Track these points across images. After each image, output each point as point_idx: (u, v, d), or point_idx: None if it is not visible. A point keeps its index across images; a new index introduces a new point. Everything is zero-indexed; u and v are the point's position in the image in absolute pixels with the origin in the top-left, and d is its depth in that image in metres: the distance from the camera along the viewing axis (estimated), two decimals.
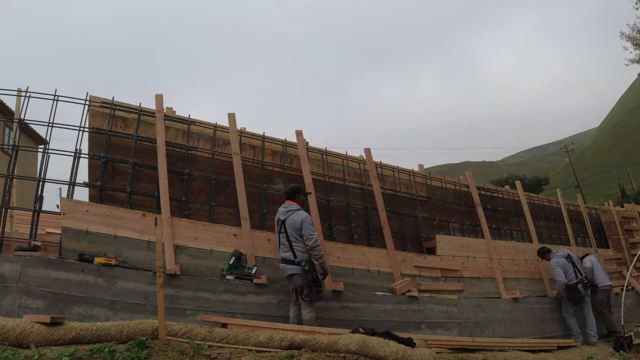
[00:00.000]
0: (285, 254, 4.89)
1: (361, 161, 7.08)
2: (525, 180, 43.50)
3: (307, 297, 4.68)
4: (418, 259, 6.71)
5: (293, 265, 4.80)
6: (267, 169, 6.13)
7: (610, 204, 11.72)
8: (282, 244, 4.95)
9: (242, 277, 4.99)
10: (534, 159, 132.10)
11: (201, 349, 3.47)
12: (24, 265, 4.03)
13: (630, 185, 43.36)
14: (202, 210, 5.49)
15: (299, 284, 4.72)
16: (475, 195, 8.21)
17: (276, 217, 5.12)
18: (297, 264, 4.76)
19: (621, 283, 9.37)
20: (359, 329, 4.43)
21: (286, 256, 4.88)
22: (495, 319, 6.88)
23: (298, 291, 4.75)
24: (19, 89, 5.52)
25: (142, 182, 5.20)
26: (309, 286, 4.68)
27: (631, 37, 26.21)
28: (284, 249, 4.91)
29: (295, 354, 3.66)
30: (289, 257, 4.85)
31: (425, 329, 5.97)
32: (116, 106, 5.25)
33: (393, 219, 6.93)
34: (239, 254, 5.08)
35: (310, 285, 4.68)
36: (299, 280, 4.72)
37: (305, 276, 4.71)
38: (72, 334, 3.27)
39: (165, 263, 4.63)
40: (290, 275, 4.82)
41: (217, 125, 5.85)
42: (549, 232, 9.52)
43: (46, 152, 4.84)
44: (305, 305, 4.74)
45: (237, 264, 5.04)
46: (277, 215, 5.11)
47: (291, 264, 4.81)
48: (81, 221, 4.57)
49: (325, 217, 6.25)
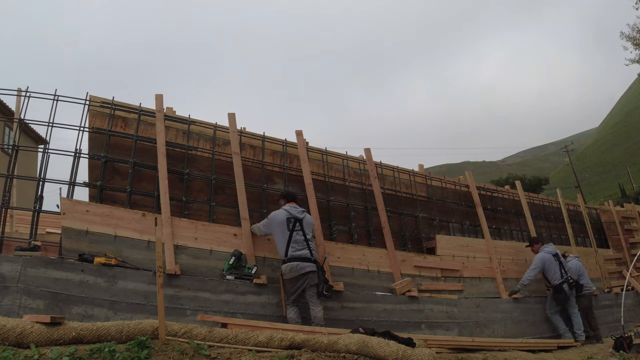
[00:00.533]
0: (301, 252, 4.88)
1: (361, 161, 7.08)
2: (525, 180, 43.49)
3: (327, 292, 4.85)
4: (418, 259, 6.71)
5: (310, 263, 4.86)
6: (267, 169, 6.13)
7: (610, 204, 11.72)
8: (296, 242, 4.92)
9: (242, 277, 4.99)
10: (534, 159, 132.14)
11: (201, 349, 3.47)
12: (24, 265, 4.03)
13: (630, 185, 43.36)
14: (202, 210, 5.49)
15: (315, 281, 4.83)
16: (475, 195, 8.21)
17: (285, 216, 5.05)
18: (314, 262, 4.85)
19: (621, 283, 9.38)
20: (359, 329, 4.43)
21: (303, 254, 4.87)
22: (495, 319, 6.88)
23: (316, 288, 4.83)
24: (18, 88, 5.52)
25: (142, 182, 5.20)
26: (325, 282, 4.80)
27: (631, 37, 26.22)
28: (299, 247, 4.90)
29: (295, 354, 3.66)
30: (306, 255, 4.87)
31: (425, 329, 5.98)
32: (116, 106, 5.25)
33: (393, 219, 6.93)
34: (239, 254, 5.08)
35: (325, 282, 4.79)
36: (316, 278, 4.83)
37: (321, 273, 4.85)
38: (72, 333, 3.27)
39: (165, 263, 4.63)
40: (305, 273, 4.81)
41: (217, 125, 5.85)
42: (549, 232, 9.52)
43: (46, 152, 4.84)
44: (318, 303, 4.84)
45: (237, 264, 5.04)
46: (286, 214, 5.07)
47: (308, 262, 4.85)
48: (81, 221, 4.57)
49: (325, 217, 6.25)
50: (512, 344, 5.85)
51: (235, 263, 5.02)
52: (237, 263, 5.04)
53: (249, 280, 5.00)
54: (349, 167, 6.91)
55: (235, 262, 5.03)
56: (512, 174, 57.11)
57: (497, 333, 6.77)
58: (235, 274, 4.98)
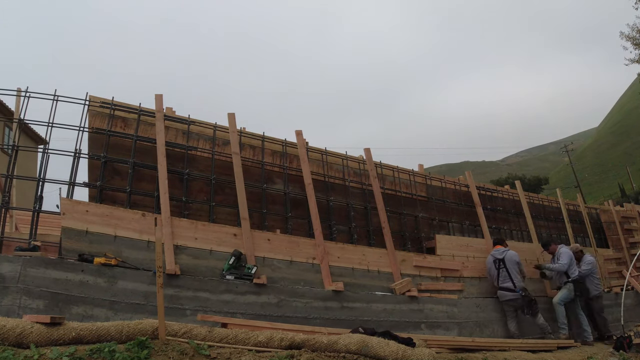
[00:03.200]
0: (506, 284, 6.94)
1: (361, 161, 7.08)
2: (525, 180, 43.49)
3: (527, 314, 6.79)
4: (418, 259, 6.71)
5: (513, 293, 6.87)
6: (267, 169, 6.13)
7: (610, 204, 11.73)
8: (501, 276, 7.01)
9: (242, 277, 5.00)
10: (533, 158, 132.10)
11: (201, 348, 3.47)
12: (23, 265, 4.03)
13: (630, 185, 43.34)
14: (202, 210, 5.49)
15: (520, 305, 6.82)
16: (475, 195, 8.21)
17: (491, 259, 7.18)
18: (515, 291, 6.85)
19: (621, 283, 9.37)
20: (359, 329, 4.43)
21: (508, 286, 6.92)
22: (495, 319, 6.88)
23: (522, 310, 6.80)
24: (18, 88, 5.52)
25: (142, 182, 5.20)
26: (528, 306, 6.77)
27: (631, 36, 26.18)
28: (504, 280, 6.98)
29: (295, 354, 3.67)
30: (509, 287, 6.90)
31: (425, 329, 5.98)
32: (116, 106, 5.25)
33: (393, 219, 6.93)
34: (239, 253, 5.08)
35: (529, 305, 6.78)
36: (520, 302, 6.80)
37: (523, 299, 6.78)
38: (72, 334, 3.27)
39: (165, 263, 4.63)
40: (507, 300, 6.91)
41: (216, 125, 5.85)
42: (549, 232, 9.52)
43: (46, 152, 4.84)
44: (534, 315, 6.81)
45: (237, 264, 5.04)
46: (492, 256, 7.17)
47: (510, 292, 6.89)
48: (81, 221, 4.57)
49: (325, 217, 6.26)
50: (512, 344, 5.85)
51: (235, 263, 5.03)
52: (237, 263, 5.04)
53: (249, 280, 5.00)
54: (349, 167, 6.92)
55: (235, 262, 5.03)
56: (512, 174, 57.11)
57: (497, 333, 6.77)
58: (235, 274, 4.99)
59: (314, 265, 5.67)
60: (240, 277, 5.00)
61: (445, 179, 8.25)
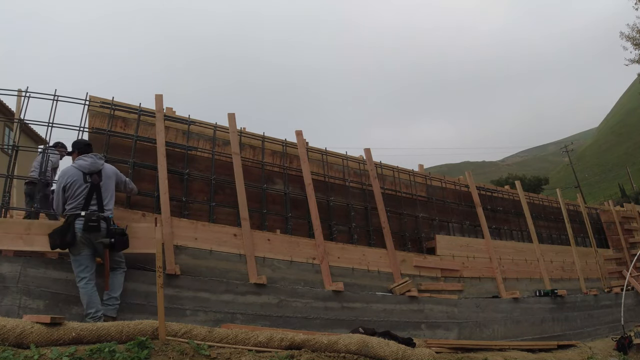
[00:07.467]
0: None
1: (361, 161, 7.08)
2: (525, 180, 43.45)
3: None
4: (418, 259, 6.71)
5: None
6: (267, 169, 6.13)
7: (610, 204, 11.72)
8: None
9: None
10: (534, 159, 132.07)
11: (201, 349, 3.47)
12: (23, 266, 4.04)
13: (630, 185, 43.34)
14: (202, 210, 5.49)
15: None
16: (475, 195, 8.21)
17: None
18: None
19: (621, 283, 9.38)
20: (359, 329, 4.43)
21: None
22: (495, 319, 6.88)
23: None
24: (18, 89, 5.52)
25: (142, 182, 5.20)
26: None
27: (631, 37, 26.18)
28: None
29: (295, 354, 3.67)
30: None
31: (425, 329, 5.98)
32: (116, 106, 5.25)
33: (393, 219, 6.93)
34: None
35: None
36: None
37: None
38: (72, 334, 3.27)
39: (165, 263, 4.62)
40: None
41: (216, 126, 5.85)
42: (549, 232, 9.52)
43: (46, 152, 4.84)
44: None
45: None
46: None
47: None
48: None
49: (325, 217, 6.25)
50: (512, 344, 5.86)
51: None
52: None
53: None
54: (349, 167, 6.91)
55: None
56: (512, 174, 57.05)
57: (497, 333, 6.76)
58: None
59: (314, 266, 5.67)
60: None
61: (445, 179, 8.25)
